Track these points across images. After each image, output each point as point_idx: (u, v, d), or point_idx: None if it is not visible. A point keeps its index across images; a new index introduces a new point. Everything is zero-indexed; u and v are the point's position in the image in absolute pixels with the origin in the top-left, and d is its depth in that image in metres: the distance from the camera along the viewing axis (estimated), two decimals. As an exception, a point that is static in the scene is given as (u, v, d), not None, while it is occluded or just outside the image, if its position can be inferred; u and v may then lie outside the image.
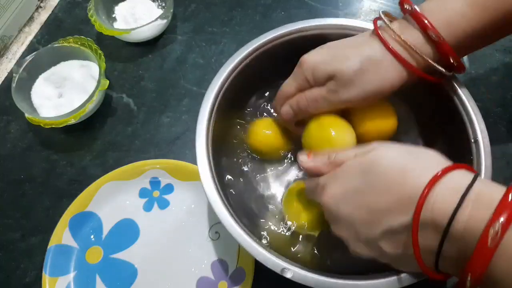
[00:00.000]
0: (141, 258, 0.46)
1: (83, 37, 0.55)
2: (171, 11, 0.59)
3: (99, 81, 0.51)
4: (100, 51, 0.53)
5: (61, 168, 0.52)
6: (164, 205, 0.48)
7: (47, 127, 0.50)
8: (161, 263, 0.46)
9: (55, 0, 0.65)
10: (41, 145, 0.54)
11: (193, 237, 0.46)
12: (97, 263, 0.46)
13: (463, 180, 0.27)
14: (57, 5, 0.65)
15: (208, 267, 0.45)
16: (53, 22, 0.63)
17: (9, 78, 0.58)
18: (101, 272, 0.45)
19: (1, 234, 0.49)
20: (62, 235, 0.46)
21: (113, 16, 0.61)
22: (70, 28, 0.62)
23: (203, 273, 0.45)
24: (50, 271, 0.45)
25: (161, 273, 0.45)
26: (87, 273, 0.45)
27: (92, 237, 0.47)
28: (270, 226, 0.43)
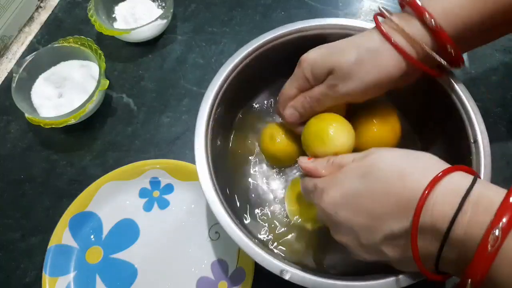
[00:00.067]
0: (141, 258, 0.46)
1: (83, 37, 0.55)
2: (171, 11, 0.59)
3: (99, 81, 0.51)
4: (100, 51, 0.53)
5: (61, 168, 0.52)
6: (164, 205, 0.48)
7: (47, 127, 0.50)
8: (161, 263, 0.46)
9: (55, 0, 0.65)
10: (41, 145, 0.54)
11: (193, 237, 0.46)
12: (97, 263, 0.46)
13: (462, 182, 0.27)
14: (57, 5, 0.65)
15: (208, 267, 0.45)
16: (53, 22, 0.63)
17: (9, 78, 0.58)
18: (101, 272, 0.45)
19: (1, 234, 0.49)
20: (62, 235, 0.46)
21: (113, 16, 0.61)
22: (70, 28, 0.62)
23: (203, 273, 0.45)
24: (50, 271, 0.45)
25: (161, 273, 0.45)
26: (87, 273, 0.45)
27: (92, 237, 0.47)
28: (271, 224, 0.43)
